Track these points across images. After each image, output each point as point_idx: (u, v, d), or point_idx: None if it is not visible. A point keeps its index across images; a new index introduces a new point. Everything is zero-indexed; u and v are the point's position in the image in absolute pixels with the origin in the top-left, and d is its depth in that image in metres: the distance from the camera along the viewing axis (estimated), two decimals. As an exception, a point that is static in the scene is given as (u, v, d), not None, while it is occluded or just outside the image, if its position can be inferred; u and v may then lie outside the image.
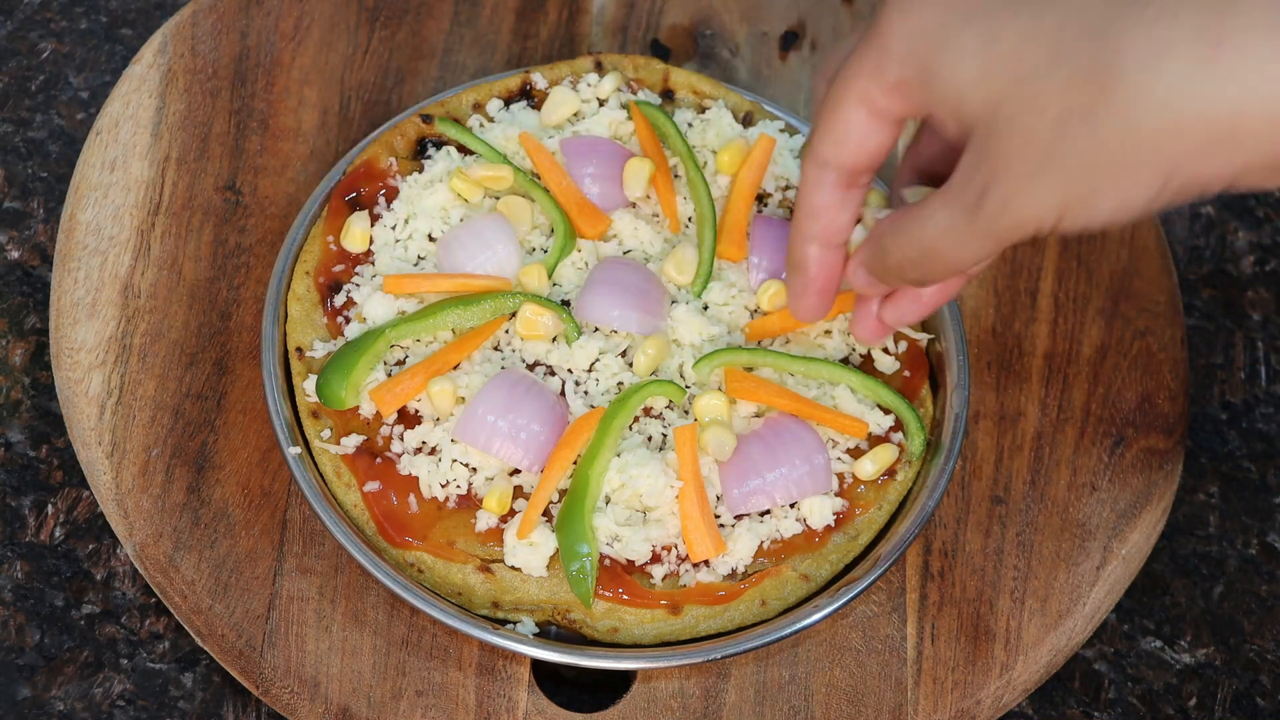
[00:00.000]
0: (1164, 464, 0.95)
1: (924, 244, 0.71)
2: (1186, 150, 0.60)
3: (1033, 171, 0.64)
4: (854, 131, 0.71)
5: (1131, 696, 0.93)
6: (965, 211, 0.67)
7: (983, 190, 0.66)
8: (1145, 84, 0.59)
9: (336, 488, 0.87)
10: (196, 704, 0.88)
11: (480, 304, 0.89)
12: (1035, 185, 0.64)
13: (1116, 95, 0.60)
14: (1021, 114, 0.63)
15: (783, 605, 0.86)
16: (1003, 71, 0.63)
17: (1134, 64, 0.59)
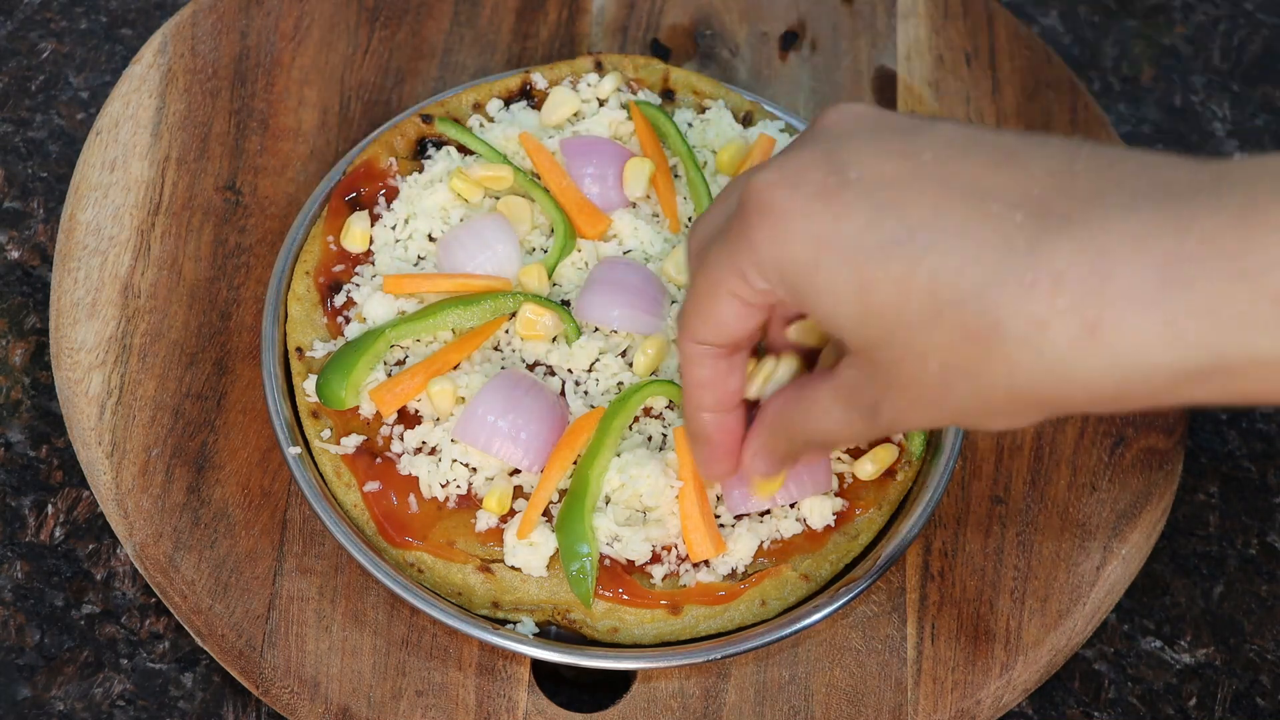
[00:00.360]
0: (1164, 464, 0.95)
1: (822, 434, 0.72)
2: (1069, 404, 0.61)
3: (920, 405, 0.65)
4: (727, 317, 0.71)
5: (1131, 696, 0.93)
6: (861, 415, 0.68)
7: (875, 405, 0.67)
8: (1026, 353, 0.59)
9: (336, 488, 0.87)
10: (196, 704, 0.88)
11: (480, 304, 0.89)
12: (924, 413, 0.65)
13: (997, 361, 0.60)
14: (903, 361, 0.63)
15: (783, 605, 0.86)
16: (880, 320, 0.63)
17: (1014, 335, 0.59)
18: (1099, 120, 1.08)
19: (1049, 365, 0.59)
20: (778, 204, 0.64)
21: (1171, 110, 1.16)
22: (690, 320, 0.73)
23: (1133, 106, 1.16)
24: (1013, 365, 0.60)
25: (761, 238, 0.65)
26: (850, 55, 1.10)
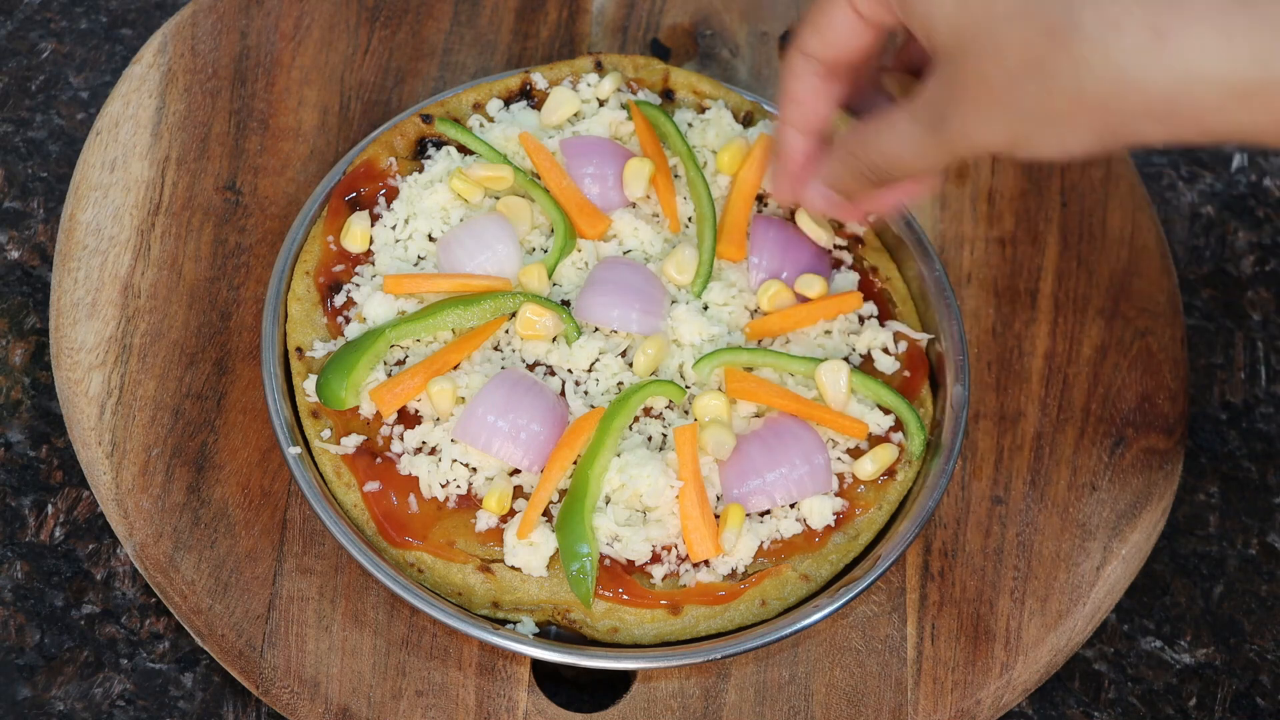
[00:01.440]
0: (1164, 464, 0.95)
1: (887, 151, 0.77)
2: (1124, 115, 0.66)
3: (987, 108, 0.70)
4: (838, 29, 0.78)
5: (1131, 696, 0.93)
6: (926, 128, 0.74)
7: (942, 114, 0.72)
8: (1096, 52, 0.65)
9: (336, 488, 0.87)
10: (196, 704, 0.88)
11: (480, 304, 0.89)
12: (988, 120, 0.70)
13: (1069, 57, 0.65)
14: (984, 56, 0.69)
15: (783, 605, 0.86)
16: (972, 12, 0.69)
17: (1088, 32, 0.65)
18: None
19: (1115, 65, 0.64)
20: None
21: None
22: (803, 31, 0.79)
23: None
24: (1081, 63, 0.65)
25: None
26: (850, 55, 1.10)
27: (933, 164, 0.76)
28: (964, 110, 0.71)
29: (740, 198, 0.95)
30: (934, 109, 0.73)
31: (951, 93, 0.71)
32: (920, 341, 0.94)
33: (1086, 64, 0.65)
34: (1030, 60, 0.67)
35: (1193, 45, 0.63)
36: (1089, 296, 1.00)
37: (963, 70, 0.70)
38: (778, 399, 0.88)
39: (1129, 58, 0.64)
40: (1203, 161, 1.14)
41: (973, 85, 0.70)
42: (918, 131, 0.74)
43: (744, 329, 0.93)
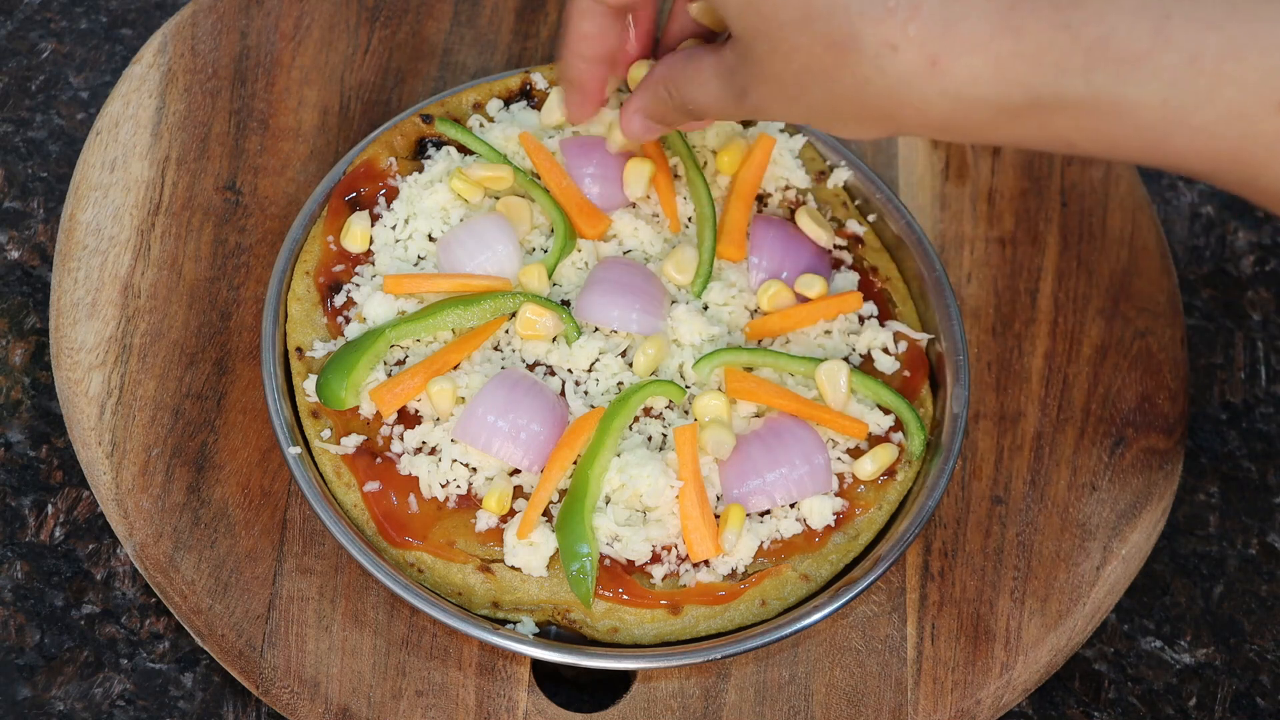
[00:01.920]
0: (1164, 464, 0.95)
1: (698, 102, 0.79)
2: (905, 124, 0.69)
3: (781, 98, 0.73)
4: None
5: (1131, 696, 0.93)
6: (732, 95, 0.76)
7: (744, 89, 0.75)
8: (874, 71, 0.67)
9: (336, 488, 0.87)
10: (196, 704, 0.88)
11: (480, 304, 0.89)
12: (784, 106, 0.73)
13: (850, 70, 0.68)
14: (773, 56, 0.71)
15: (783, 605, 0.86)
16: (759, 15, 0.70)
17: (867, 51, 0.67)
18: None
19: (891, 85, 0.67)
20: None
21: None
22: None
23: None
24: (861, 79, 0.68)
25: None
26: (850, 55, 1.10)
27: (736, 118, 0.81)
28: (761, 91, 0.73)
29: (740, 198, 0.95)
30: (736, 80, 0.75)
31: (749, 71, 0.73)
32: (920, 341, 0.94)
33: (867, 81, 0.68)
34: (814, 68, 0.69)
35: (965, 73, 0.65)
36: (1089, 296, 1.00)
37: (756, 60, 0.72)
38: (778, 399, 0.88)
39: (905, 80, 0.67)
40: (1203, 161, 1.14)
41: (765, 76, 0.72)
42: (724, 93, 0.76)
43: (744, 329, 0.93)
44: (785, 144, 0.98)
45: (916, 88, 0.67)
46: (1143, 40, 0.63)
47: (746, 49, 0.73)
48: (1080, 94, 0.65)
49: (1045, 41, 0.64)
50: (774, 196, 0.98)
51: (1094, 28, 0.63)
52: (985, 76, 0.65)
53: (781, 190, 0.98)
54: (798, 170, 0.98)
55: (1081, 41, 0.64)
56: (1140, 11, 0.63)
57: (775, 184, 0.98)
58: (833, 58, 0.68)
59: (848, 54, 0.67)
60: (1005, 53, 0.65)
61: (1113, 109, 0.65)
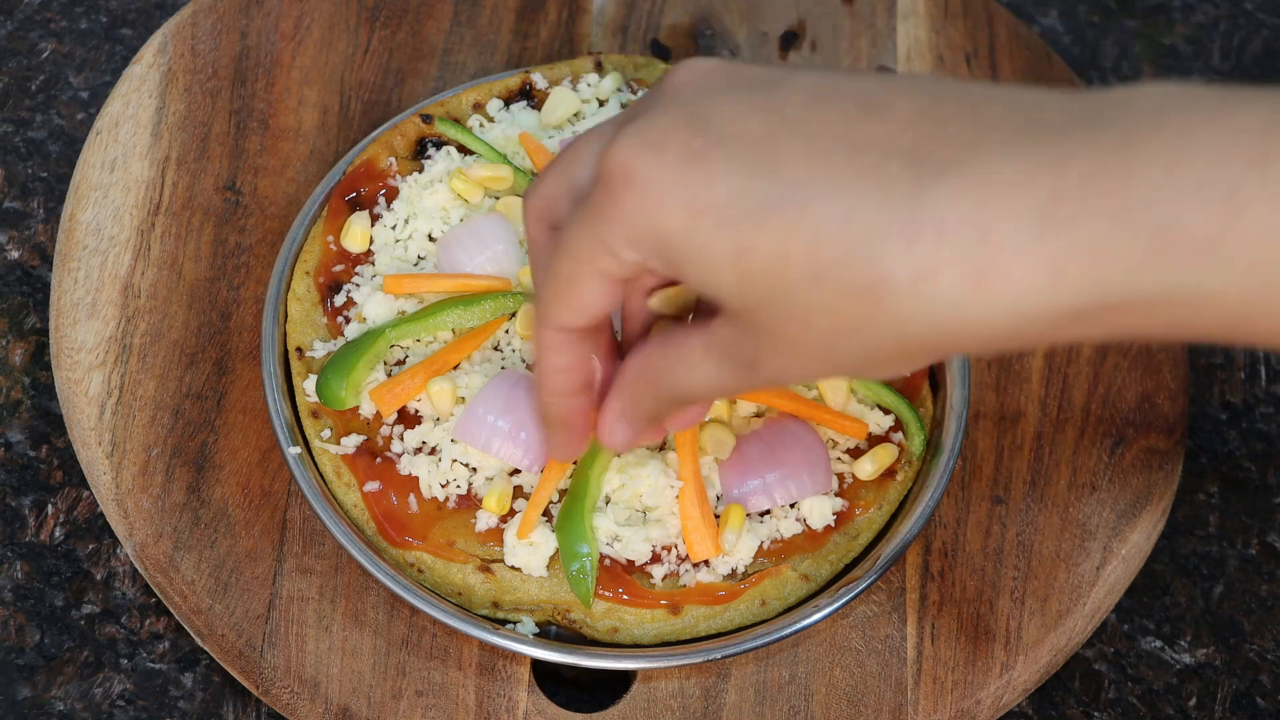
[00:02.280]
0: (1164, 464, 0.95)
1: (691, 389, 0.68)
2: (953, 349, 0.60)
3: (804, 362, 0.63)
4: (593, 298, 0.67)
5: (1131, 696, 0.93)
6: (737, 370, 0.65)
7: (753, 361, 0.64)
8: (914, 308, 0.58)
9: (336, 488, 0.87)
10: (196, 704, 0.88)
11: (480, 304, 0.89)
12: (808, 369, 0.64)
13: (886, 314, 0.58)
14: (787, 323, 0.61)
15: (783, 605, 0.86)
16: (761, 284, 0.60)
17: (900, 288, 0.57)
18: (1099, 120, 1.08)
19: (939, 315, 0.58)
20: (643, 172, 0.61)
21: (1171, 110, 1.16)
22: (552, 308, 0.69)
23: (1133, 106, 1.16)
24: (901, 318, 0.58)
25: (630, 209, 0.62)
26: (850, 55, 1.10)
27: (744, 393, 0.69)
28: (778, 361, 0.63)
29: (740, 198, 0.95)
30: (741, 354, 0.64)
31: (759, 343, 0.63)
32: (920, 341, 0.94)
33: (907, 319, 0.58)
34: (841, 324, 0.59)
35: (1019, 282, 0.56)
36: (1089, 296, 1.00)
37: (767, 330, 0.62)
38: (778, 399, 0.88)
39: (952, 305, 0.57)
40: (1203, 161, 1.14)
41: (781, 344, 0.62)
42: (723, 370, 0.66)
43: (744, 329, 0.93)
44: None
45: (968, 311, 0.57)
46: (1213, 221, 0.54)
47: (751, 319, 0.62)
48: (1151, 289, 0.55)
49: (1101, 234, 0.55)
50: (774, 196, 0.98)
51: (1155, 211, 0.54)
52: (1044, 282, 0.56)
53: (781, 190, 0.98)
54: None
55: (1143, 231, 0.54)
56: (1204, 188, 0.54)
57: (775, 184, 0.98)
58: (860, 307, 0.58)
59: (877, 298, 0.58)
60: (1059, 253, 0.55)
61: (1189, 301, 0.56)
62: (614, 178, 0.62)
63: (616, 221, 0.63)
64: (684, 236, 0.61)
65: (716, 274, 0.61)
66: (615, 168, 0.62)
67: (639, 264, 0.64)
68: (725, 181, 0.60)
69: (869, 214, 0.57)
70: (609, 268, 0.65)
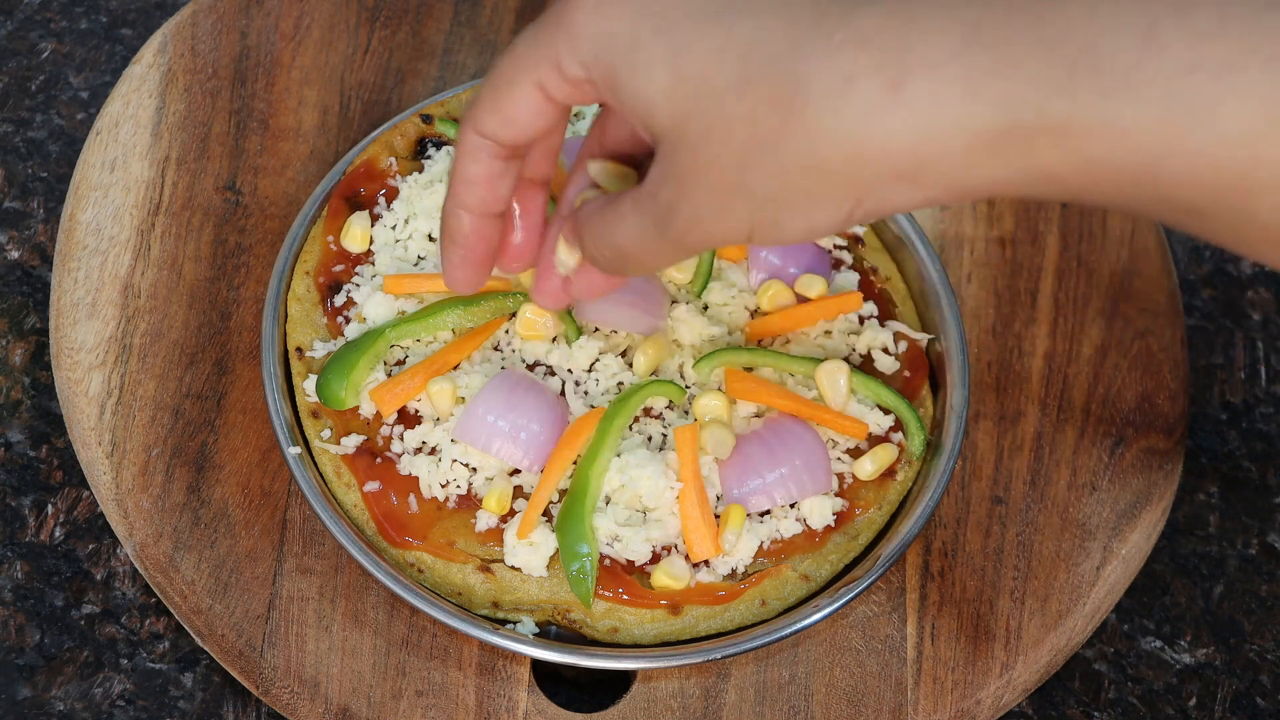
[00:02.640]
0: (1164, 464, 0.95)
1: (617, 246, 0.69)
2: (870, 180, 0.60)
3: (719, 196, 0.63)
4: (523, 112, 0.68)
5: (1131, 696, 0.93)
6: (655, 223, 0.66)
7: (670, 206, 0.64)
8: (828, 115, 0.58)
9: (336, 488, 0.87)
10: (196, 704, 0.88)
11: (480, 304, 0.89)
12: (722, 209, 0.63)
13: (801, 125, 0.59)
14: (708, 136, 0.61)
15: (783, 605, 0.86)
16: (691, 88, 0.61)
17: (817, 95, 0.58)
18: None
19: (851, 126, 0.58)
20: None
21: (1171, 110, 1.16)
22: (480, 110, 0.70)
23: (1133, 106, 1.16)
24: (815, 131, 0.59)
25: (581, 17, 0.64)
26: (850, 55, 1.10)
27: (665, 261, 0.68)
28: (693, 201, 0.63)
29: (740, 198, 0.95)
30: (660, 200, 0.65)
31: (677, 183, 0.63)
32: (920, 341, 0.94)
33: (820, 130, 0.58)
34: (759, 136, 0.60)
35: (931, 92, 0.57)
36: (1089, 296, 1.00)
37: (688, 157, 0.62)
38: (778, 399, 0.88)
39: (865, 116, 0.58)
40: (1203, 161, 1.14)
41: (701, 172, 0.62)
42: (646, 225, 0.66)
43: (744, 329, 0.93)
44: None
45: (879, 122, 0.58)
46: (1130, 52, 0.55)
47: (675, 149, 0.63)
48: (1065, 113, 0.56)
49: (1021, 55, 0.56)
50: (774, 196, 0.98)
51: (1075, 39, 0.56)
52: (957, 97, 0.57)
53: (781, 190, 0.98)
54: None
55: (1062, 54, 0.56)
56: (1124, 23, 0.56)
57: (775, 184, 0.98)
58: (779, 115, 0.59)
59: (796, 105, 0.59)
60: (976, 68, 0.57)
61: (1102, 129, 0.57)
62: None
63: (567, 29, 0.65)
64: (627, 40, 0.63)
65: (653, 82, 0.63)
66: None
67: (579, 82, 0.66)
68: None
69: (801, 26, 0.59)
70: (547, 79, 0.67)
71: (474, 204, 0.74)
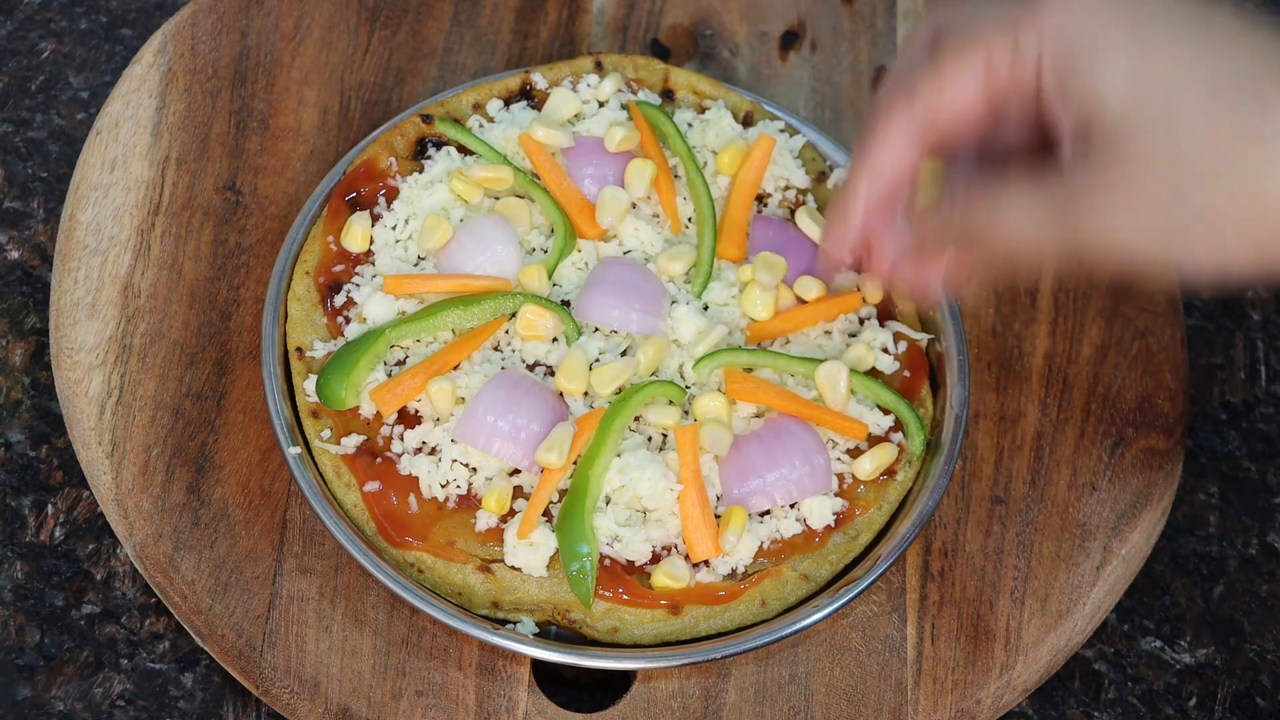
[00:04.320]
0: (1164, 464, 0.95)
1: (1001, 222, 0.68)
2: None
3: (1144, 201, 0.62)
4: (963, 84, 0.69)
5: (1131, 696, 0.93)
6: (1060, 211, 0.65)
7: (1085, 192, 0.64)
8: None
9: (336, 488, 0.87)
10: (196, 704, 0.88)
11: (480, 304, 0.89)
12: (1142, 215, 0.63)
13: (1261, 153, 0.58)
14: (1159, 135, 0.61)
15: (783, 605, 0.86)
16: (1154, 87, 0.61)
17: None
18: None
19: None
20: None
21: (1171, 110, 1.16)
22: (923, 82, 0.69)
23: (1133, 106, 1.16)
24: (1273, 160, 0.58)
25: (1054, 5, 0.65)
26: (850, 55, 1.10)
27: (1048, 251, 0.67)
28: (1115, 200, 0.62)
29: (740, 198, 0.95)
30: (1072, 187, 0.64)
31: (1107, 173, 0.63)
32: (920, 342, 0.94)
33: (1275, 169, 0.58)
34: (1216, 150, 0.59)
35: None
36: (1089, 296, 1.00)
37: (1127, 156, 0.62)
38: (778, 399, 0.88)
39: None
40: (1203, 161, 1.14)
41: (1136, 173, 0.62)
42: (1047, 212, 0.66)
43: (744, 329, 0.93)
44: (785, 144, 0.98)
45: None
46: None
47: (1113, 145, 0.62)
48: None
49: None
50: (774, 196, 0.98)
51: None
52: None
53: (781, 190, 0.98)
54: (798, 170, 0.98)
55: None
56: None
57: (775, 184, 0.98)
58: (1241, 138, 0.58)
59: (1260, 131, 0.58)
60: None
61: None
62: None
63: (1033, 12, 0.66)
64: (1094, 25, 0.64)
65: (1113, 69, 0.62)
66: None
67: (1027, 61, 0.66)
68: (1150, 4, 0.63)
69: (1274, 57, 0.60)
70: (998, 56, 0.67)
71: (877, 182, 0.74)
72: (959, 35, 0.69)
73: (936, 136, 0.72)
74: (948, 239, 0.73)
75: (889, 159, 0.73)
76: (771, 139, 0.97)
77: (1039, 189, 0.66)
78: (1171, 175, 0.61)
